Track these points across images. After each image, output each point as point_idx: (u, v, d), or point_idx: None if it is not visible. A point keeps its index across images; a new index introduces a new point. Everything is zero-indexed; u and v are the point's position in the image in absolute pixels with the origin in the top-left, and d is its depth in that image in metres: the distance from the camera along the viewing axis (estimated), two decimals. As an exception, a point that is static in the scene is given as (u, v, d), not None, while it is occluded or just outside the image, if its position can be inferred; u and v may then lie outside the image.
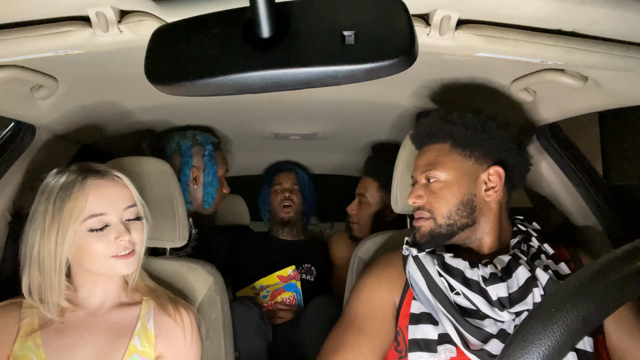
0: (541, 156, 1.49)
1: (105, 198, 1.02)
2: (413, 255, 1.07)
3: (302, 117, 1.71)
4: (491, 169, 1.08)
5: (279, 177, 2.20)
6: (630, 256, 0.45)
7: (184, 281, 1.27)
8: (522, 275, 0.96)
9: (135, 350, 1.05)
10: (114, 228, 1.02)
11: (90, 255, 1.01)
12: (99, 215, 1.01)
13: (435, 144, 1.13)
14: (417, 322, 1.03)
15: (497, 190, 1.08)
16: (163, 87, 0.52)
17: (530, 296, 0.94)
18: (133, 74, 1.08)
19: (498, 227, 1.09)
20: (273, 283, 1.83)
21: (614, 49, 0.85)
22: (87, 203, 1.00)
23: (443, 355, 0.98)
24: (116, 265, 1.02)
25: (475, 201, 1.07)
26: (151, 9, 0.78)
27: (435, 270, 1.03)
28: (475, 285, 0.99)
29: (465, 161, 1.09)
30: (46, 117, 1.33)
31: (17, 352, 0.99)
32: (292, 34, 0.49)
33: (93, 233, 1.00)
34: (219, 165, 1.75)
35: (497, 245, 1.09)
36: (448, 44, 0.87)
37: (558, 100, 1.23)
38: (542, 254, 1.05)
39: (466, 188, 1.07)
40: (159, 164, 1.32)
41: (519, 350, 0.43)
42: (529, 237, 1.09)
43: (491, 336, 0.95)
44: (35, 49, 0.83)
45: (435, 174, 1.08)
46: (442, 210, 1.07)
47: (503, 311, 0.96)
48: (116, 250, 1.01)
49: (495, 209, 1.09)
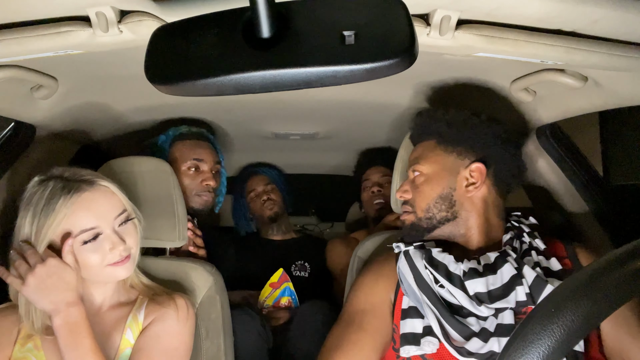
0: (541, 156, 1.49)
1: (94, 212, 0.99)
2: (402, 250, 1.09)
3: (302, 117, 1.71)
4: (472, 165, 1.10)
5: (250, 184, 2.16)
6: (630, 256, 0.45)
7: (184, 281, 1.27)
8: (507, 273, 0.97)
9: (128, 343, 1.05)
10: (108, 239, 1.00)
11: (87, 268, 0.99)
12: (90, 230, 0.98)
13: (424, 141, 1.18)
14: (406, 317, 1.04)
15: (478, 187, 1.09)
16: (163, 87, 0.52)
17: (513, 294, 0.95)
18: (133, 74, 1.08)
19: (484, 223, 1.10)
20: (267, 293, 1.83)
21: (614, 49, 0.85)
22: (75, 219, 0.97)
23: (426, 347, 0.99)
24: (114, 272, 1.02)
25: (454, 196, 1.09)
26: (151, 9, 0.78)
27: (422, 264, 1.04)
28: (457, 280, 1.00)
29: (447, 156, 1.12)
30: (46, 117, 1.33)
31: (17, 354, 0.99)
32: (292, 34, 0.49)
33: (87, 245, 0.98)
34: (181, 156, 1.59)
35: (485, 241, 1.10)
36: (448, 44, 0.87)
37: (558, 100, 1.23)
38: (533, 250, 1.05)
39: (445, 182, 1.10)
40: (159, 164, 1.32)
41: (519, 350, 0.43)
42: (520, 233, 1.09)
43: (474, 334, 0.96)
44: (35, 49, 0.83)
45: (419, 168, 1.13)
46: (421, 204, 1.11)
47: (481, 306, 0.96)
48: (112, 259, 1.00)
49: (480, 205, 1.10)
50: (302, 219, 2.76)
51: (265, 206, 2.09)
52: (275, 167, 2.35)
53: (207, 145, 1.66)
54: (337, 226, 2.72)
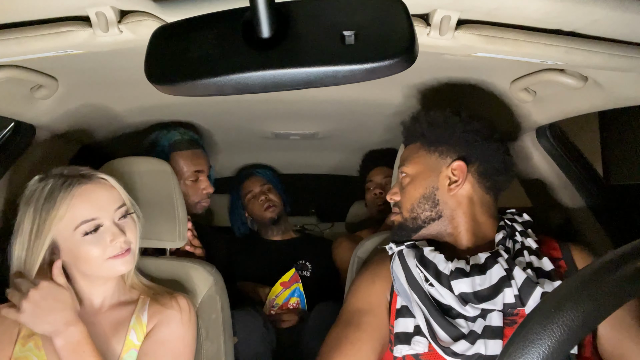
0: (541, 156, 1.49)
1: (94, 203, 1.01)
2: (395, 251, 1.10)
3: (302, 117, 1.71)
4: (454, 164, 1.10)
5: (246, 186, 2.15)
6: (630, 256, 0.45)
7: (184, 281, 1.27)
8: (496, 274, 0.96)
9: (132, 345, 1.05)
10: (108, 230, 1.01)
11: (87, 261, 1.00)
12: (91, 221, 0.99)
13: (411, 144, 1.20)
14: (399, 316, 1.04)
15: (459, 185, 1.09)
16: (163, 87, 0.52)
17: (501, 296, 0.94)
18: (133, 74, 1.08)
19: (470, 221, 1.09)
20: (278, 292, 1.84)
21: (614, 49, 0.85)
22: (76, 210, 0.98)
23: (417, 347, 0.99)
24: (115, 265, 1.02)
25: (437, 195, 1.10)
26: (151, 9, 0.78)
27: (414, 263, 1.05)
28: (445, 279, 1.00)
29: (429, 157, 1.13)
30: (46, 117, 1.33)
31: (18, 354, 0.99)
32: (292, 34, 0.49)
33: (88, 237, 0.99)
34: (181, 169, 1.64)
35: (474, 240, 1.09)
36: (448, 44, 0.87)
37: (558, 100, 1.23)
38: (525, 249, 1.04)
39: (428, 182, 1.11)
40: (159, 164, 1.32)
41: (519, 350, 0.43)
42: (513, 232, 1.09)
43: (462, 336, 0.96)
44: (35, 49, 0.83)
45: (404, 169, 1.15)
46: (406, 204, 1.12)
47: (466, 306, 0.96)
48: (113, 252, 1.01)
49: (465, 203, 1.10)
50: (302, 219, 2.76)
51: (265, 209, 2.08)
52: (269, 167, 2.34)
53: (201, 153, 1.71)
54: (337, 226, 2.72)
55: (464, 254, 1.06)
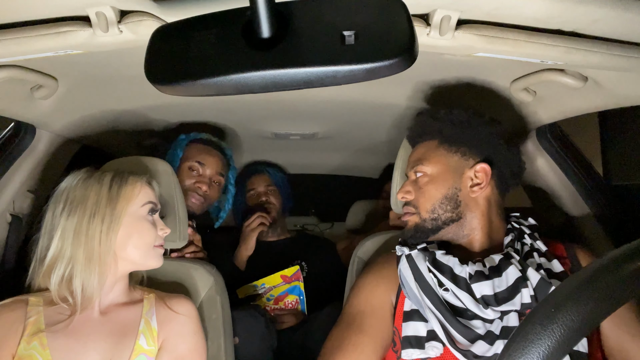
0: (541, 156, 1.49)
1: (152, 193, 1.13)
2: (405, 254, 1.08)
3: (302, 117, 1.71)
4: (477, 166, 1.09)
5: (252, 182, 2.12)
6: (630, 256, 0.45)
7: (184, 281, 1.27)
8: (512, 275, 0.96)
9: (141, 349, 1.04)
10: (158, 220, 1.12)
11: (142, 239, 1.07)
12: (155, 203, 1.11)
13: (425, 141, 1.17)
14: (409, 319, 1.04)
15: (483, 187, 1.09)
16: (163, 87, 0.52)
17: (519, 296, 0.94)
18: (133, 74, 1.08)
19: (487, 224, 1.09)
20: (276, 283, 1.82)
21: (614, 49, 0.85)
22: (143, 191, 1.09)
23: (431, 352, 0.98)
24: (157, 254, 1.10)
25: (459, 196, 1.08)
26: (151, 9, 0.78)
27: (426, 267, 1.03)
28: (463, 282, 0.99)
29: (451, 156, 1.11)
30: (46, 117, 1.33)
31: (22, 352, 0.97)
32: (292, 34, 0.49)
33: (150, 216, 1.10)
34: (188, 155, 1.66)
35: (488, 242, 1.09)
36: (448, 44, 0.87)
37: (558, 100, 1.23)
38: (535, 251, 1.04)
39: (450, 183, 1.09)
40: (159, 164, 1.32)
41: (519, 350, 0.43)
42: (521, 235, 1.09)
43: (479, 337, 0.95)
44: (35, 49, 0.83)
45: (422, 169, 1.12)
46: (426, 204, 1.09)
47: (487, 309, 0.96)
48: (159, 240, 1.11)
49: (483, 205, 1.09)
50: (302, 219, 2.76)
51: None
52: (280, 168, 2.32)
53: (216, 154, 1.70)
54: (337, 226, 2.72)
55: (475, 256, 1.06)
